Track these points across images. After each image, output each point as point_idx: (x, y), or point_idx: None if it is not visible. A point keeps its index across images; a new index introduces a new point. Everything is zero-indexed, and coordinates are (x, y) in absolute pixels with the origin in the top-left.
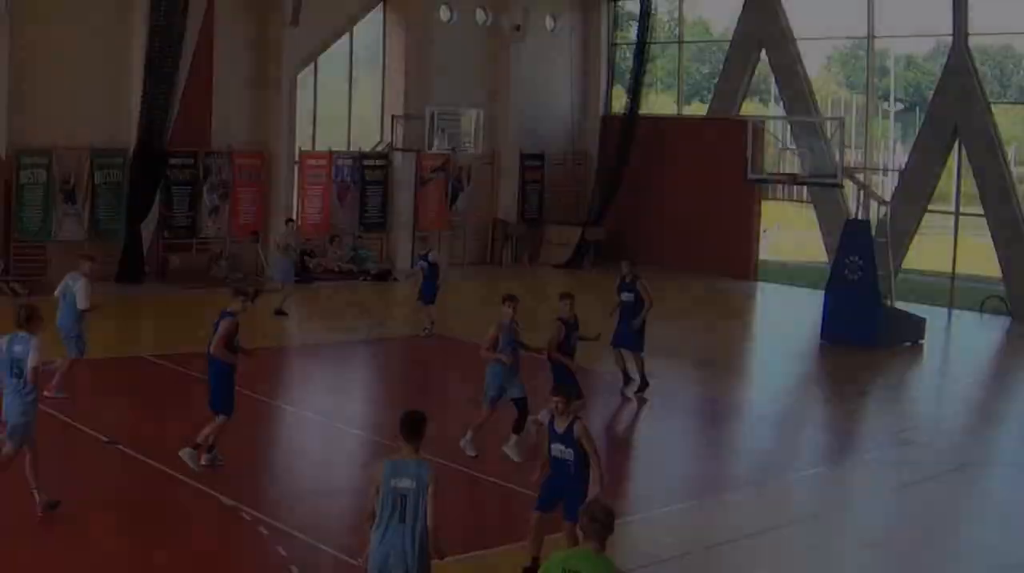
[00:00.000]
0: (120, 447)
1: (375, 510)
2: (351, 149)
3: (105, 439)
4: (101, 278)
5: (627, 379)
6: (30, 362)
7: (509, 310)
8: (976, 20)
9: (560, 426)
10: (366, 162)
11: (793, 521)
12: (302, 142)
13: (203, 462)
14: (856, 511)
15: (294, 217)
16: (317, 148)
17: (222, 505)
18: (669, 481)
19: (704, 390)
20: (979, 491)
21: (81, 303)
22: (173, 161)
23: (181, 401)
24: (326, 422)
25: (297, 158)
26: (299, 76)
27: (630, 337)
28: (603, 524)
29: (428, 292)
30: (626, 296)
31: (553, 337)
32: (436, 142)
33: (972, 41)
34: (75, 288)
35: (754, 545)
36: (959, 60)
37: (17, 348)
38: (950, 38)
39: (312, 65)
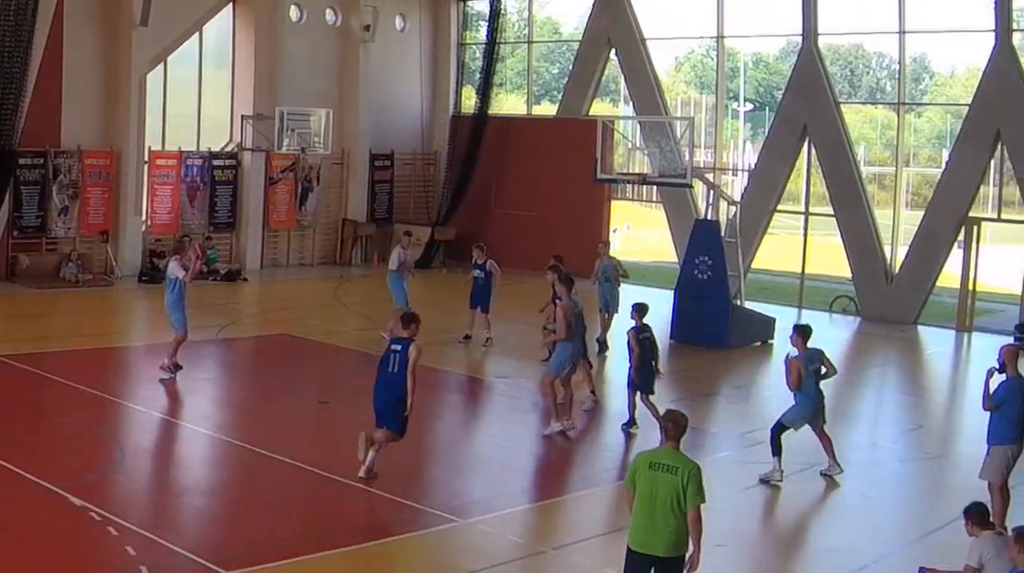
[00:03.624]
0: None
1: None
2: (201, 149)
3: None
4: None
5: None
6: None
7: None
8: (826, 21)
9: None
10: (216, 162)
11: None
12: (152, 141)
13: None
14: (706, 511)
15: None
16: (167, 148)
17: (71, 505)
18: (518, 482)
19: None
20: (828, 491)
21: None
22: (22, 161)
23: (30, 401)
24: (175, 422)
25: (147, 158)
26: (148, 75)
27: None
28: (683, 427)
29: (483, 300)
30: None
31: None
32: (286, 142)
33: (822, 41)
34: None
35: (604, 545)
36: (809, 60)
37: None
38: (800, 38)
39: (162, 64)
